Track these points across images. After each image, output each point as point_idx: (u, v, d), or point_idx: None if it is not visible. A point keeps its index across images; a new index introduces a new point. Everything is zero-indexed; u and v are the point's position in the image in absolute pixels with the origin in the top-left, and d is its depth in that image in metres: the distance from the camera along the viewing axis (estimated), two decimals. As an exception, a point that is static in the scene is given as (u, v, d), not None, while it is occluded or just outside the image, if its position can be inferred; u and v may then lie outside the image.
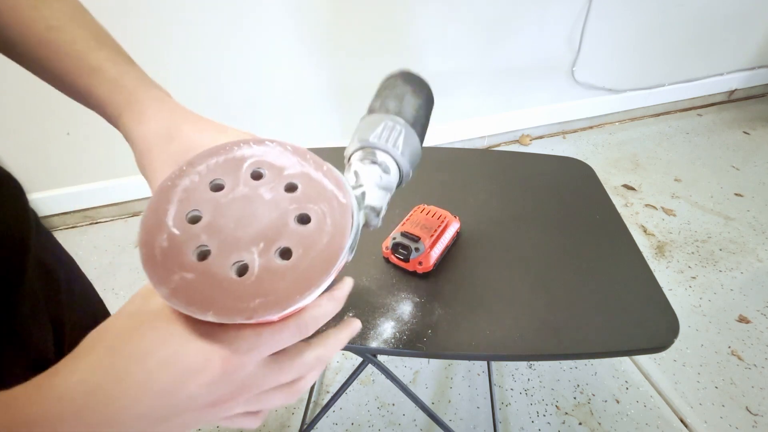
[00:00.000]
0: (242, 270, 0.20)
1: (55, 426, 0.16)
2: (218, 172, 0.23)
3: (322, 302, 0.23)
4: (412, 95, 0.38)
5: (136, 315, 0.20)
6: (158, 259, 0.20)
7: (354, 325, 0.27)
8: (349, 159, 0.34)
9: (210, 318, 0.19)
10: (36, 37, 0.28)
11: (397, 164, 0.34)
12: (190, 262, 0.20)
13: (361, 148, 0.34)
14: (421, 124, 0.37)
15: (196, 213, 0.22)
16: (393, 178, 0.34)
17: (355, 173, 0.32)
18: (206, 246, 0.21)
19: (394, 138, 0.34)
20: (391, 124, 0.34)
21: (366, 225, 0.31)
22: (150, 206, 0.21)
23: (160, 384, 0.18)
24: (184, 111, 0.29)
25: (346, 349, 0.47)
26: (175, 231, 0.21)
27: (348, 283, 0.26)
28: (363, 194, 0.31)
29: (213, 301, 0.19)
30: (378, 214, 0.31)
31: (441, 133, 1.68)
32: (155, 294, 0.20)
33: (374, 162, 0.33)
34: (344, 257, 0.21)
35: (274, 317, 0.20)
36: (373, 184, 0.32)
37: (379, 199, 0.32)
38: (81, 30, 0.29)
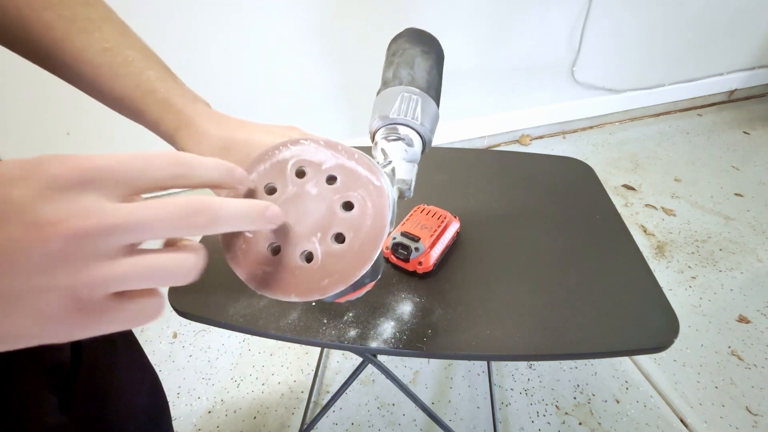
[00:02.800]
0: (309, 257, 0.24)
1: None
2: (269, 177, 0.26)
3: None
4: (422, 57, 0.38)
5: None
6: (240, 259, 0.24)
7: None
8: (374, 137, 0.35)
9: (293, 299, 0.24)
10: (90, 60, 0.29)
11: (419, 134, 0.35)
12: (268, 258, 0.24)
13: (384, 125, 0.35)
14: (435, 87, 0.38)
15: None
16: (417, 149, 0.35)
17: (383, 151, 0.34)
18: (276, 242, 0.25)
19: (413, 109, 0.35)
20: (407, 95, 0.35)
21: (400, 197, 0.33)
22: None
23: None
24: (229, 120, 0.31)
25: (346, 349, 0.47)
26: (249, 234, 0.25)
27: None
28: (393, 170, 0.32)
29: (293, 285, 0.24)
30: (409, 186, 0.33)
31: (441, 133, 1.68)
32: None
33: (398, 137, 0.34)
34: (387, 232, 0.24)
35: (343, 289, 0.24)
36: (400, 158, 0.33)
37: (407, 171, 0.34)
38: (131, 50, 0.30)
